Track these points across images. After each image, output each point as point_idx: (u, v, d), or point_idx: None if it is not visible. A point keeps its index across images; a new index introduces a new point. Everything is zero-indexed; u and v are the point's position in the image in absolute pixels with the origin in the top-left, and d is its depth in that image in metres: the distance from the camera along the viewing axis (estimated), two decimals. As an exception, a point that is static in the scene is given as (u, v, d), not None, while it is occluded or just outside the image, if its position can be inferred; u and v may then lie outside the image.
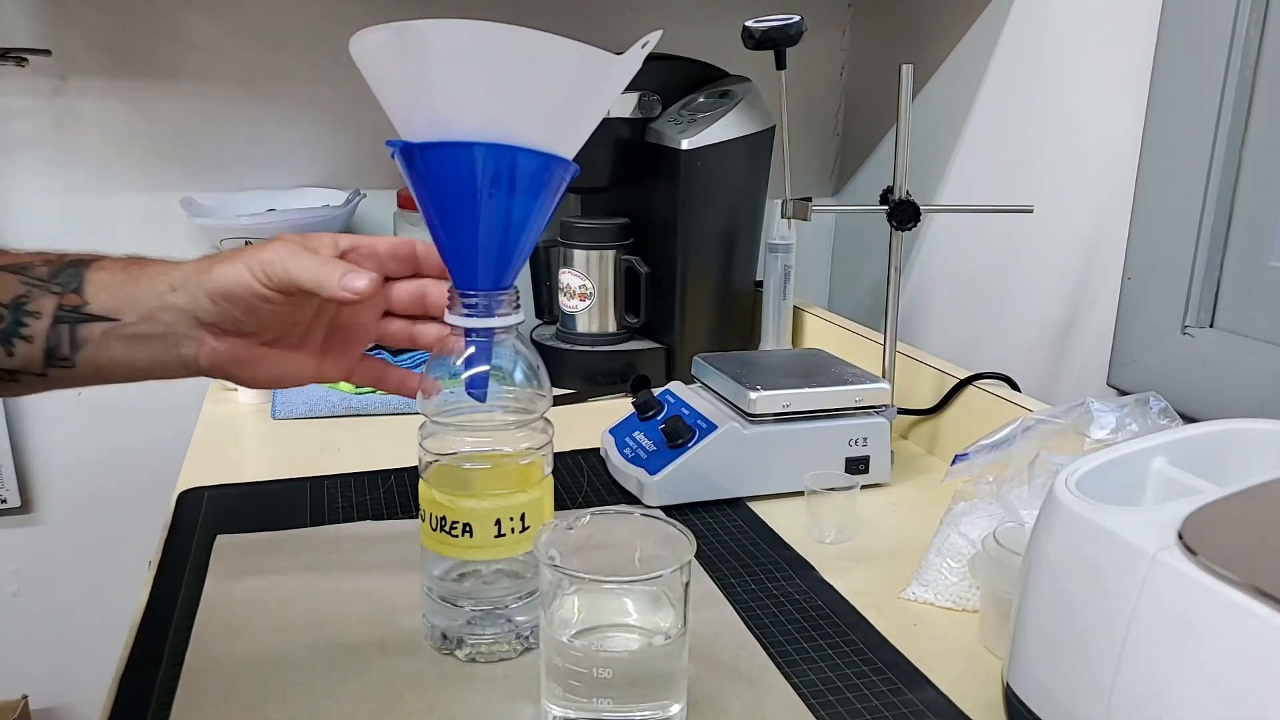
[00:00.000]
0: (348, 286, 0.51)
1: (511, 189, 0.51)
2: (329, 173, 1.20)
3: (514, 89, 0.49)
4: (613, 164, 1.10)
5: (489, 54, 0.48)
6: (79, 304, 0.53)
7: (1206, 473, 0.52)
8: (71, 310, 0.52)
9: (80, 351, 0.53)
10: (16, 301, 0.52)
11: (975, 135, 1.07)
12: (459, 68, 0.48)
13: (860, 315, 1.24)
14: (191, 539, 0.73)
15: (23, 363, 0.52)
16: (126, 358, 0.54)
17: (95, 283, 0.53)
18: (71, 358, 0.53)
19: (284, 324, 0.57)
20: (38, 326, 0.52)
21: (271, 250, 0.53)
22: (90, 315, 0.53)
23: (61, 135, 1.11)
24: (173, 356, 0.54)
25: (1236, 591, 0.39)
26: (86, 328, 0.53)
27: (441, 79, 0.49)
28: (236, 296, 0.53)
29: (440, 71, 0.49)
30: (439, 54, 0.48)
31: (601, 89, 0.52)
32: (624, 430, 0.88)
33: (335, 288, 0.52)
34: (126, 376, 0.55)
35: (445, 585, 0.59)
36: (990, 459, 0.70)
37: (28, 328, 0.52)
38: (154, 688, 0.56)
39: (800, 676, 0.58)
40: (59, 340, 0.52)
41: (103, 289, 0.53)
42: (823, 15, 1.30)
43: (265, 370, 0.57)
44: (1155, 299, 0.83)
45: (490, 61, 0.48)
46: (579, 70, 0.50)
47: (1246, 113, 0.76)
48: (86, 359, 0.53)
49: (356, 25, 0.50)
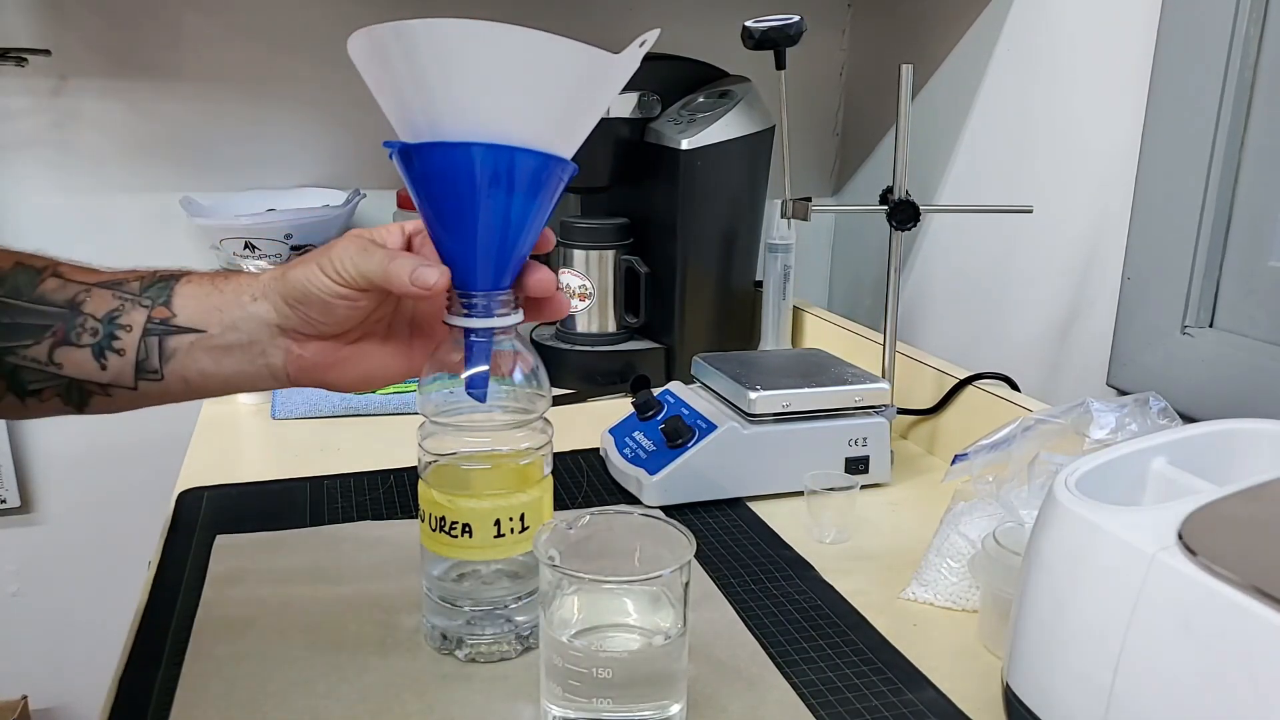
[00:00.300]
0: (419, 281, 0.51)
1: (509, 189, 0.51)
2: (328, 173, 1.19)
3: (510, 89, 0.49)
4: (612, 164, 1.10)
5: (485, 54, 0.48)
6: (167, 316, 0.53)
7: (1206, 473, 0.52)
8: (160, 323, 0.53)
9: (169, 364, 0.54)
10: (110, 315, 0.53)
11: (975, 135, 1.07)
12: (455, 68, 0.48)
13: (860, 315, 1.24)
14: (191, 539, 0.73)
15: (115, 376, 0.53)
16: (214, 369, 0.54)
17: (182, 295, 0.54)
18: (160, 370, 0.54)
19: (364, 322, 0.56)
20: (128, 339, 0.53)
21: (340, 248, 0.52)
22: (177, 328, 0.53)
23: (61, 135, 1.11)
24: (259, 366, 0.55)
25: (1236, 591, 0.39)
26: (174, 340, 0.53)
27: (437, 79, 0.49)
28: (311, 298, 0.53)
29: (436, 72, 0.49)
30: (434, 54, 0.48)
31: (599, 88, 0.52)
32: (624, 430, 0.88)
33: (406, 283, 0.51)
34: (215, 389, 0.55)
35: (445, 585, 0.59)
36: (990, 459, 0.70)
37: (120, 340, 0.53)
38: (154, 687, 0.56)
39: (800, 676, 0.58)
40: (148, 353, 0.53)
41: (189, 301, 0.54)
42: (822, 15, 1.30)
43: (353, 370, 0.57)
44: (1155, 299, 0.83)
45: (486, 61, 0.48)
46: (576, 70, 0.50)
47: (1246, 112, 0.76)
48: (175, 371, 0.54)
49: (356, 25, 0.50)
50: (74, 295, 0.53)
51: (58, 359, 0.52)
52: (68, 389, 0.53)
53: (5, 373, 0.52)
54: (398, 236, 0.56)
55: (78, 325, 0.52)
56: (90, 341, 0.52)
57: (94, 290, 0.53)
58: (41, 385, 0.53)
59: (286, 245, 1.09)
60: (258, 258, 1.09)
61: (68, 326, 0.52)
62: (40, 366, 0.52)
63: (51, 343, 0.52)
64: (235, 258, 1.09)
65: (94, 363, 0.53)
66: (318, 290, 0.52)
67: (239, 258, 1.09)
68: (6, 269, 0.53)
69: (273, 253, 1.09)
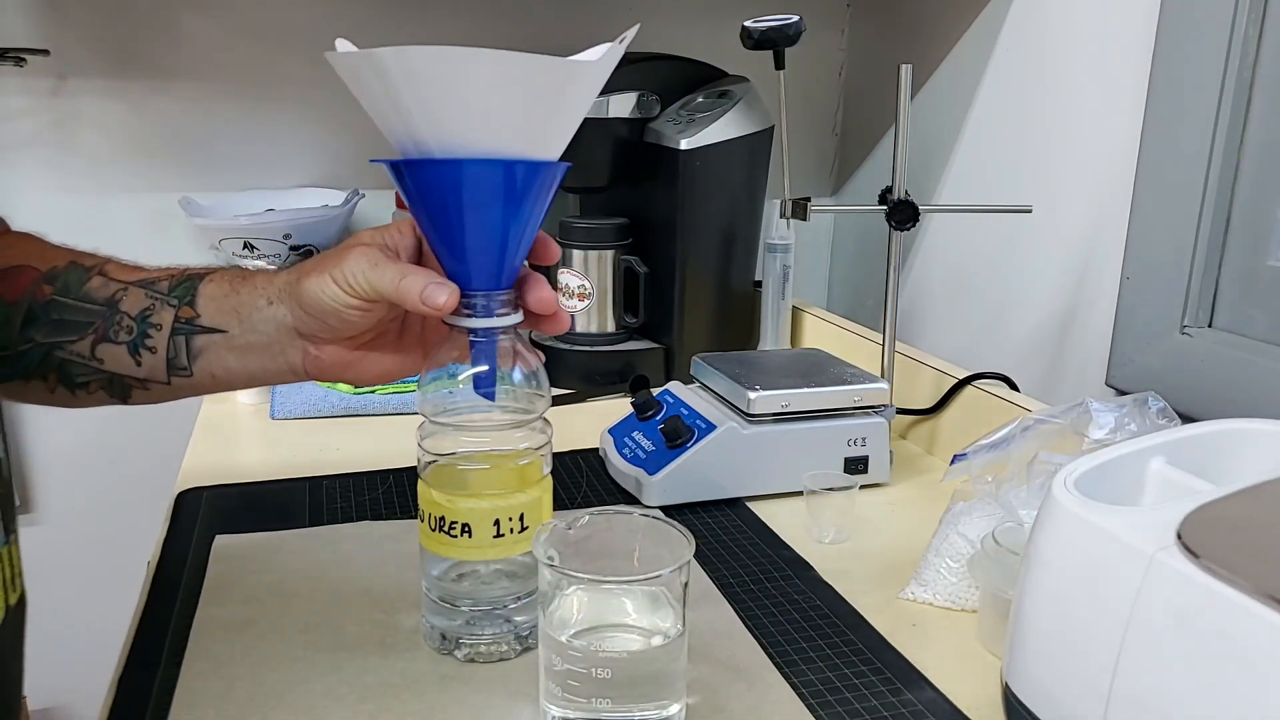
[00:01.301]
0: (429, 301, 0.52)
1: (500, 197, 0.51)
2: (328, 173, 1.19)
3: (486, 108, 0.49)
4: (611, 164, 1.10)
5: (457, 78, 0.48)
6: (192, 316, 0.55)
7: (1205, 473, 0.52)
8: (186, 323, 0.55)
9: (197, 361, 0.55)
10: (143, 314, 0.55)
11: (974, 135, 1.07)
12: (428, 93, 0.49)
13: (859, 315, 1.24)
14: (190, 539, 0.73)
15: (149, 372, 0.55)
16: (240, 366, 0.56)
17: (205, 295, 0.56)
18: (190, 367, 0.55)
19: (379, 325, 0.57)
20: (159, 338, 0.55)
21: (353, 258, 0.53)
22: (201, 328, 0.55)
23: (60, 135, 1.10)
24: (280, 364, 0.56)
25: (1235, 591, 0.39)
26: (200, 339, 0.55)
27: (413, 103, 0.49)
28: (326, 308, 0.53)
29: (410, 96, 0.49)
30: (407, 81, 0.49)
31: (576, 93, 0.52)
32: (623, 430, 0.88)
33: (417, 301, 0.52)
34: (242, 383, 0.58)
35: (444, 585, 0.59)
36: (989, 459, 0.70)
37: (151, 339, 0.55)
38: (153, 687, 0.56)
39: (799, 676, 0.58)
40: (177, 351, 0.55)
41: (212, 301, 0.55)
42: (821, 15, 1.30)
43: (370, 369, 0.58)
44: (1154, 299, 0.83)
45: (459, 85, 0.49)
46: (550, 81, 0.50)
47: (1245, 112, 0.76)
48: (203, 368, 0.56)
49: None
50: (113, 294, 0.55)
51: (99, 354, 0.55)
52: (110, 382, 0.56)
53: (55, 366, 0.55)
54: (410, 237, 0.57)
55: (115, 323, 0.55)
56: (126, 339, 0.55)
57: (130, 289, 0.55)
58: (88, 379, 0.55)
59: (285, 245, 1.08)
60: (257, 258, 1.09)
61: (107, 324, 0.55)
62: (84, 361, 0.55)
63: (93, 339, 0.54)
64: (234, 258, 1.09)
65: (130, 359, 0.55)
66: (331, 301, 0.53)
67: (238, 258, 1.09)
68: (60, 267, 0.56)
69: (272, 253, 1.09)
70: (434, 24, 1.16)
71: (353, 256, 0.53)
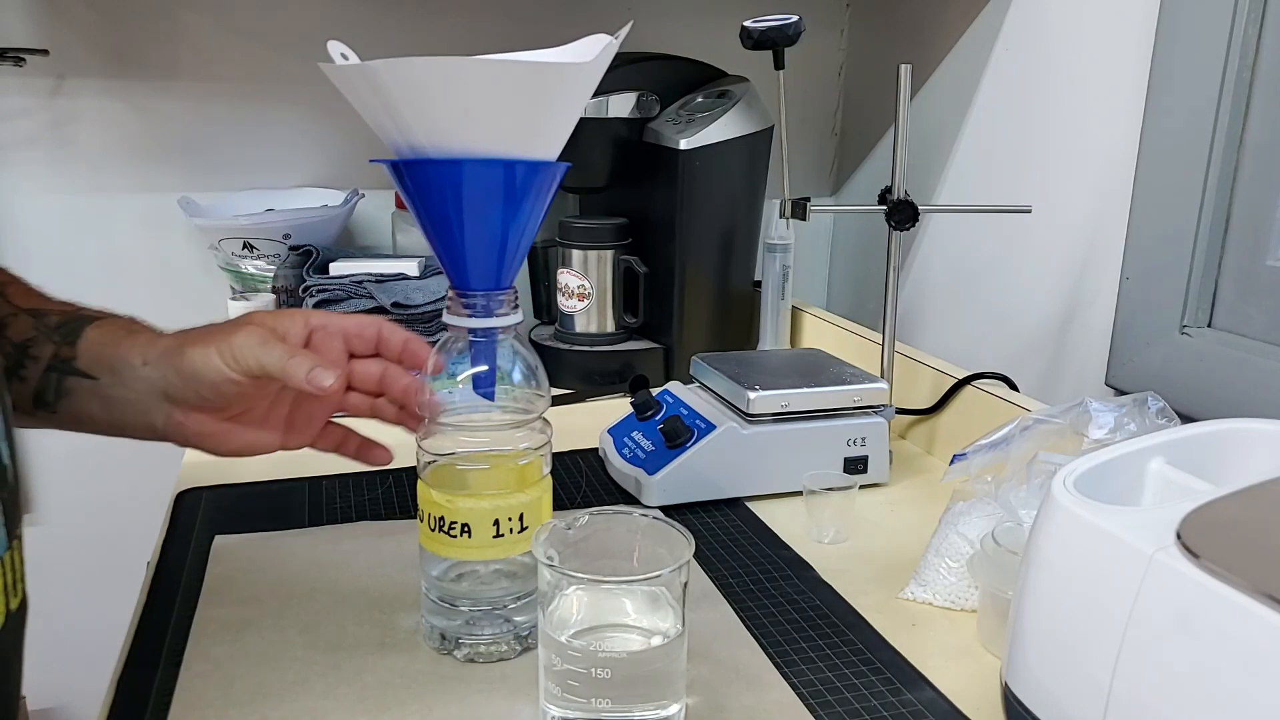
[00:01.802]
0: (314, 382, 0.53)
1: (498, 197, 0.52)
2: (327, 173, 1.19)
3: (478, 114, 0.50)
4: (611, 164, 1.10)
5: (449, 88, 0.49)
6: (70, 357, 0.56)
7: (1205, 473, 0.52)
8: (62, 362, 0.56)
9: (63, 401, 0.56)
10: (24, 343, 0.55)
11: (973, 135, 1.07)
12: (422, 103, 0.49)
13: (859, 315, 1.24)
14: (190, 539, 0.73)
15: (15, 399, 0.56)
16: (103, 415, 0.57)
17: (88, 339, 0.56)
18: (55, 405, 0.56)
19: (249, 401, 0.58)
20: (33, 369, 0.55)
21: (242, 336, 0.54)
22: (75, 370, 0.56)
23: (59, 135, 1.10)
24: (142, 422, 0.57)
25: (1235, 591, 0.39)
26: (71, 380, 0.56)
27: (406, 111, 0.50)
28: (205, 379, 0.54)
29: (404, 105, 0.50)
30: (401, 91, 0.49)
31: (569, 94, 0.53)
32: (622, 430, 0.88)
33: (302, 382, 0.53)
34: (101, 431, 0.58)
35: (444, 585, 0.59)
36: (988, 459, 0.70)
37: (26, 369, 0.55)
38: (152, 688, 0.56)
39: (799, 676, 0.58)
40: (46, 386, 0.56)
41: (92, 347, 0.56)
42: (821, 15, 1.30)
43: (230, 442, 0.59)
44: (1153, 299, 0.83)
45: (451, 94, 0.49)
46: (543, 86, 0.50)
47: (1244, 112, 0.76)
48: (68, 409, 0.56)
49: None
50: (3, 316, 0.56)
51: None
52: None
53: None
54: (300, 329, 0.58)
55: None
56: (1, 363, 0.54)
57: (20, 315, 0.56)
58: None
59: (285, 245, 1.08)
60: (256, 258, 1.09)
61: None
62: None
63: None
64: (234, 258, 1.09)
65: None
66: (211, 375, 0.54)
67: (237, 258, 1.09)
68: None
69: (271, 252, 1.09)
70: (434, 23, 1.16)
71: (243, 333, 0.54)
